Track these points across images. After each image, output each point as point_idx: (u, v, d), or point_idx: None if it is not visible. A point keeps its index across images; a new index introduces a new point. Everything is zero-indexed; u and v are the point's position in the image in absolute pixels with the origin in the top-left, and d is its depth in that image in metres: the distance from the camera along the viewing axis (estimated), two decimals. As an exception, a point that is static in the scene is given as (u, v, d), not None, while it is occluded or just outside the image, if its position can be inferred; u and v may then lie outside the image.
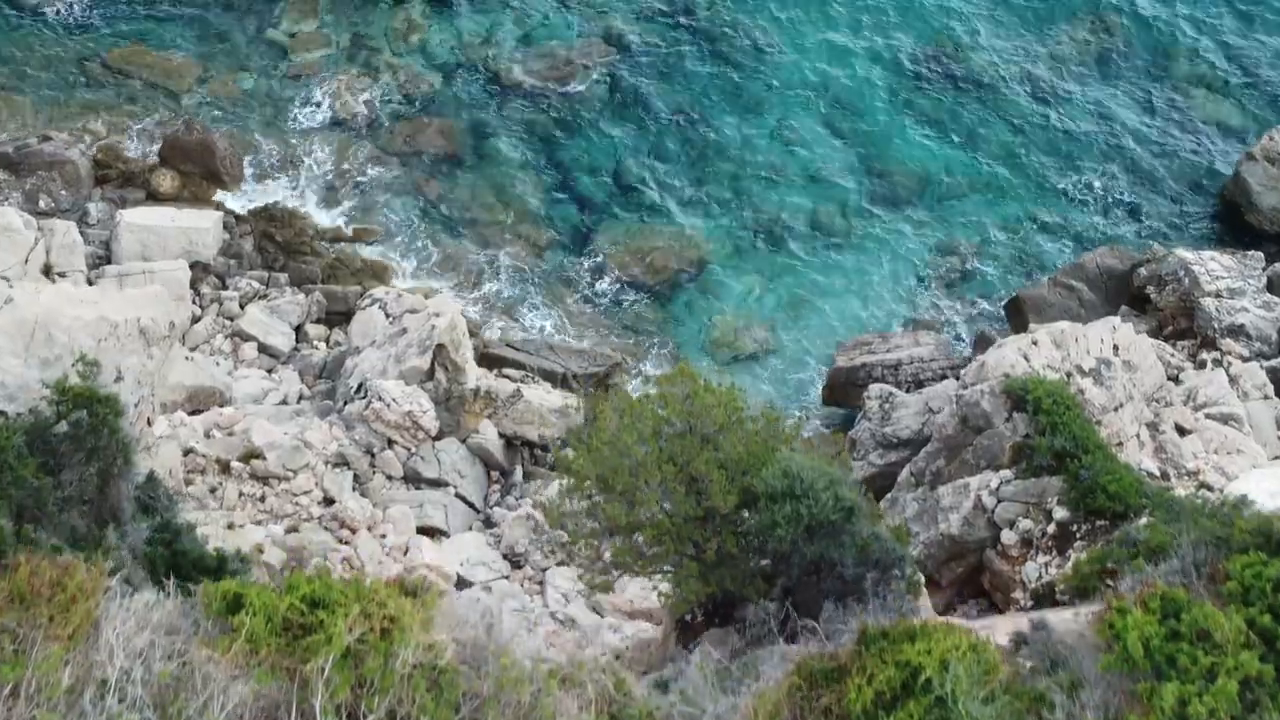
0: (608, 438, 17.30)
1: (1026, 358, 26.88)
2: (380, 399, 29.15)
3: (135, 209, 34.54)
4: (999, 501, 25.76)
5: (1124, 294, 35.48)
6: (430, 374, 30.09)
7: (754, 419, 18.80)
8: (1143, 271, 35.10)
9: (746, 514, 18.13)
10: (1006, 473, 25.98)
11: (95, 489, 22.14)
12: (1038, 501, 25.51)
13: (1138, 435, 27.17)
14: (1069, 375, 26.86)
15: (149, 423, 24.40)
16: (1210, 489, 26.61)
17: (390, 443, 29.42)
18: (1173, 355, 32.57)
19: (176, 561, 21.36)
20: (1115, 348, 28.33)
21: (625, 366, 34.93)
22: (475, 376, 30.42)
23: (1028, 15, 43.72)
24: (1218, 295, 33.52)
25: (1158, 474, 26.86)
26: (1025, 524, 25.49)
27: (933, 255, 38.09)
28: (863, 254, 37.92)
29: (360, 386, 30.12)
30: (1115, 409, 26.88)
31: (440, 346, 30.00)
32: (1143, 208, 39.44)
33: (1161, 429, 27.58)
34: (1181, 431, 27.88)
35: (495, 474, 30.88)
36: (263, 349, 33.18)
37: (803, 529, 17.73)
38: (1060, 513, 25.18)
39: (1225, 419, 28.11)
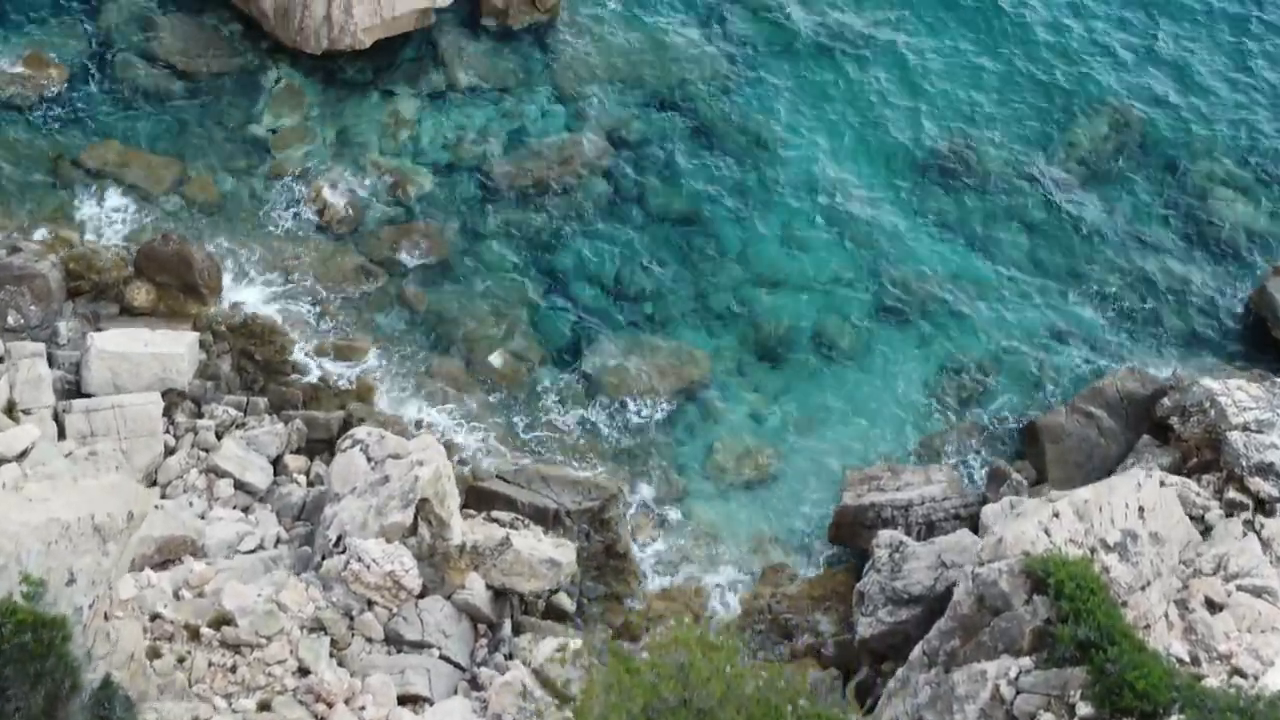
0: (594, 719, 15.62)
1: (1047, 532, 25.23)
2: (360, 560, 27.48)
3: (107, 333, 32.80)
4: (1018, 693, 24.12)
5: (1145, 421, 33.76)
6: (413, 529, 28.41)
7: (756, 673, 17.10)
8: (1166, 401, 33.39)
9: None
10: (1026, 661, 24.34)
11: (42, 712, 20.57)
12: (1060, 694, 23.86)
13: (1166, 614, 25.50)
14: (1093, 551, 25.21)
15: (105, 617, 22.75)
16: (1243, 675, 25.00)
17: (370, 603, 27.74)
18: (1198, 494, 30.85)
19: (133, 780, 19.78)
20: (1141, 510, 26.68)
21: (621, 497, 33.26)
22: (460, 531, 28.73)
23: (1043, 109, 41.95)
24: (1245, 428, 31.78)
25: (1187, 659, 25.20)
26: (1047, 718, 23.84)
27: (943, 371, 36.38)
28: (870, 370, 36.21)
29: (339, 540, 28.47)
30: (1142, 588, 25.22)
31: (424, 500, 28.32)
32: (1163, 320, 37.69)
33: (1191, 606, 25.91)
34: (1212, 606, 26.19)
35: (483, 627, 29.23)
36: (239, 485, 31.52)
37: (808, 816, 16.10)
38: (1084, 709, 23.54)
39: (1259, 592, 26.41)
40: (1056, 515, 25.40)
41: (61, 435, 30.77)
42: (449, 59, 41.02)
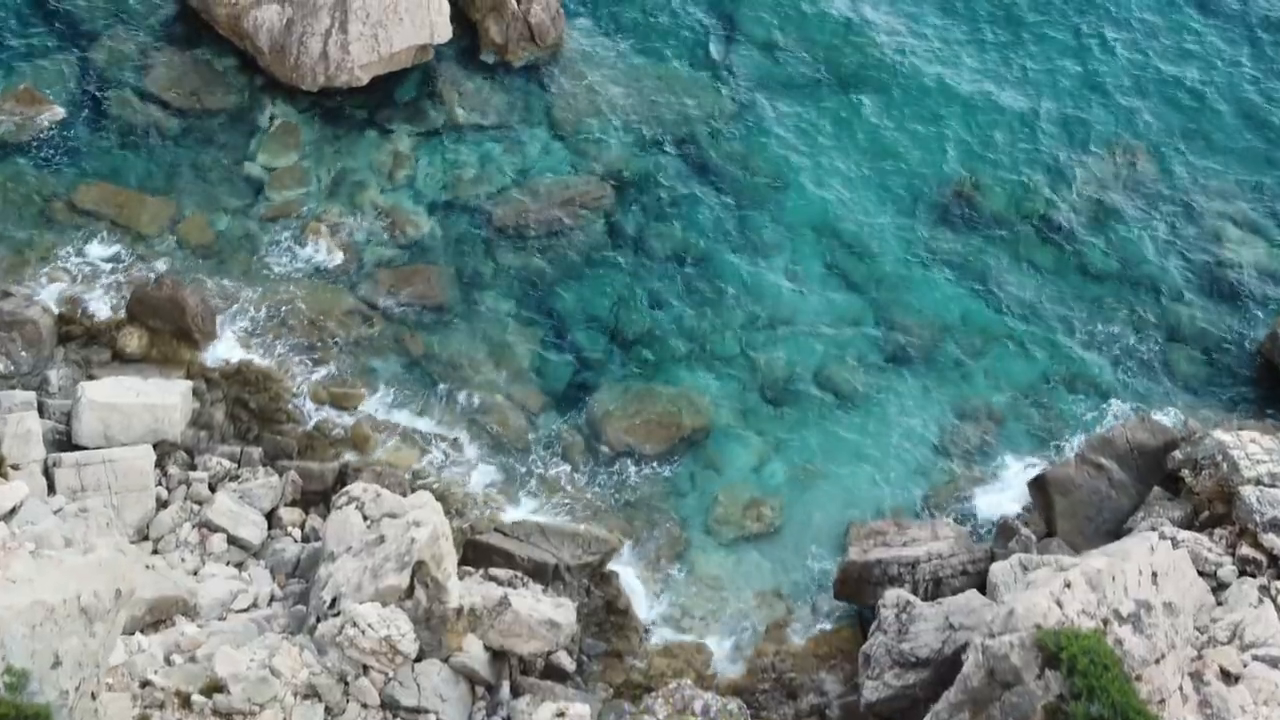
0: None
1: (1060, 604, 24.62)
2: (355, 624, 26.84)
3: (98, 383, 32.08)
4: (1030, 771, 23.52)
5: (1157, 473, 33.14)
6: (409, 591, 27.76)
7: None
8: (1177, 454, 32.79)
9: None
10: (1038, 738, 23.74)
11: (26, 804, 19.98)
12: (1073, 773, 23.26)
13: (1180, 688, 24.88)
14: (1106, 622, 24.61)
15: (93, 696, 22.14)
16: (1261, 751, 24.39)
17: (366, 668, 27.10)
18: (1210, 549, 30.28)
19: None
20: (1154, 575, 26.09)
21: (621, 551, 32.69)
22: (458, 594, 28.06)
23: (1050, 149, 41.32)
24: (1258, 482, 31.17)
25: (1203, 734, 24.62)
26: (1059, 798, 23.24)
27: (950, 418, 35.73)
28: (876, 417, 35.58)
29: (334, 602, 27.84)
30: (1156, 661, 24.60)
31: (421, 563, 27.68)
32: (1173, 366, 37.06)
33: (1206, 678, 25.30)
34: (1227, 677, 25.59)
35: (480, 689, 28.61)
36: (232, 540, 30.91)
37: None
38: (1098, 789, 22.94)
39: (1275, 663, 25.79)
40: (1069, 585, 24.79)
41: (51, 490, 30.18)
42: (447, 96, 40.45)
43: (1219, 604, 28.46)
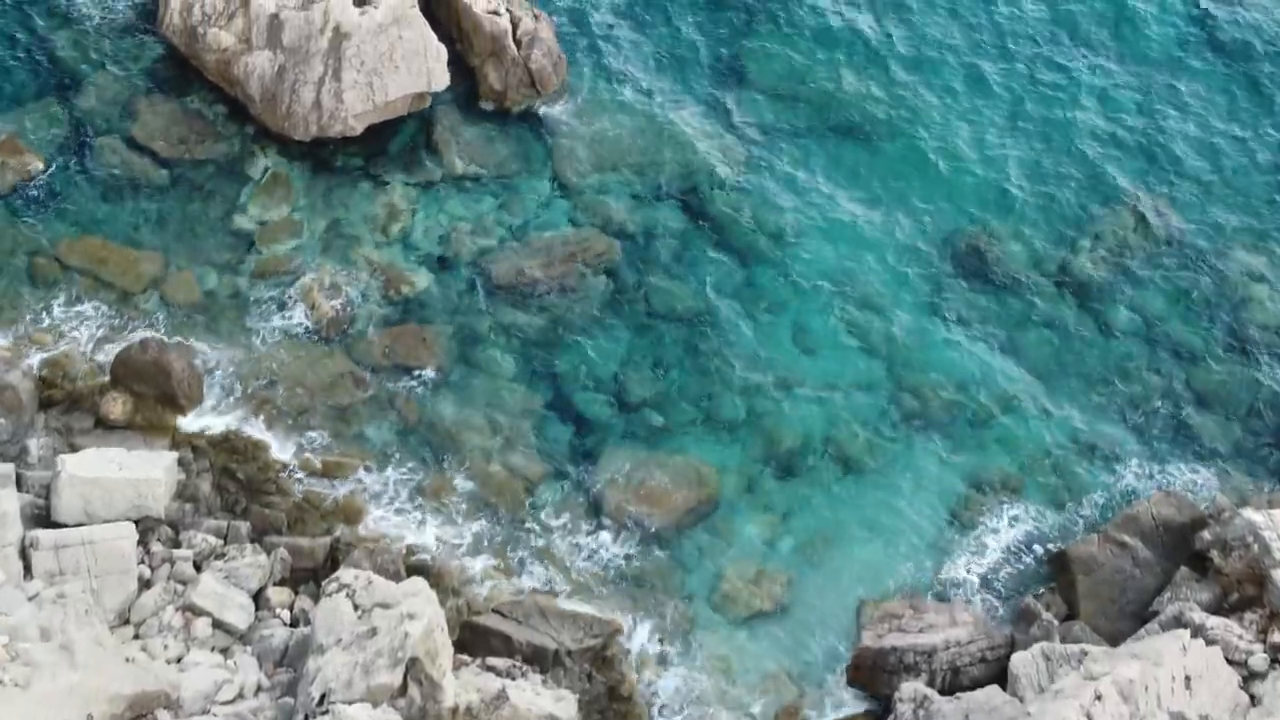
0: None
1: (1089, 717, 23.28)
2: (344, 727, 25.51)
3: (78, 456, 30.68)
4: None
5: (1183, 550, 31.84)
6: (403, 690, 26.42)
7: None
8: (1206, 534, 31.46)
9: None
10: None
11: None
12: None
13: (1218, 806, 23.57)
14: (1139, 737, 23.27)
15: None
16: None
17: (356, 772, 25.78)
18: (1240, 636, 28.96)
19: None
20: (1188, 679, 24.77)
21: (624, 633, 31.35)
22: (453, 692, 26.74)
23: (1069, 202, 39.95)
24: (1290, 565, 29.84)
25: None
26: None
27: (966, 489, 34.38)
28: (889, 487, 34.23)
29: (323, 699, 26.48)
30: (1193, 778, 23.27)
31: (415, 659, 26.33)
32: (1197, 430, 35.71)
33: (1244, 793, 23.98)
34: (1265, 789, 24.30)
35: (477, 787, 27.30)
36: (217, 624, 29.56)
37: None
38: None
39: (1315, 774, 24.50)
40: (1099, 698, 23.49)
41: (28, 573, 28.82)
42: (445, 145, 39.05)
43: (1252, 699, 27.14)
